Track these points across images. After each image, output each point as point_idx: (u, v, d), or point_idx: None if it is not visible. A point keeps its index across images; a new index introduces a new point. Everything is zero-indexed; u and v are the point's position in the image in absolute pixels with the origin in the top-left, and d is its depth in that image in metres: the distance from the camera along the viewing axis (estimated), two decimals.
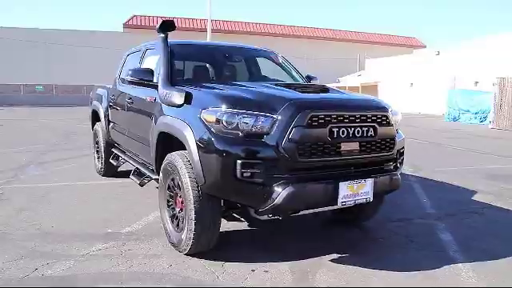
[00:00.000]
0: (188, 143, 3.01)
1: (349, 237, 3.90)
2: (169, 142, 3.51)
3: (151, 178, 4.08)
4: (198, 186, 3.02)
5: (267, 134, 2.83)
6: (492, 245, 3.68)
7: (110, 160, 5.62)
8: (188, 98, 3.24)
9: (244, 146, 2.83)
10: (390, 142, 3.26)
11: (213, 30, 24.39)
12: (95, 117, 6.23)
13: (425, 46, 41.92)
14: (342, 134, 2.96)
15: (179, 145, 3.27)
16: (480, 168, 7.34)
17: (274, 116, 2.84)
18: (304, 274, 3.04)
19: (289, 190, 2.77)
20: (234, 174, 2.79)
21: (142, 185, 4.34)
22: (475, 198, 5.33)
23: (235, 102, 2.95)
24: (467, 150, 9.89)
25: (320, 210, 3.16)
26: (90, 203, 4.77)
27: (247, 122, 2.84)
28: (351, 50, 37.27)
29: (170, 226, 3.47)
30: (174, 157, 3.27)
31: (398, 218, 4.41)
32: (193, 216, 3.03)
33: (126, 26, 33.10)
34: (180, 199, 3.31)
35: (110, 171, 6.01)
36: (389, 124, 3.25)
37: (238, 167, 2.78)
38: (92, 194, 5.21)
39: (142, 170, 4.30)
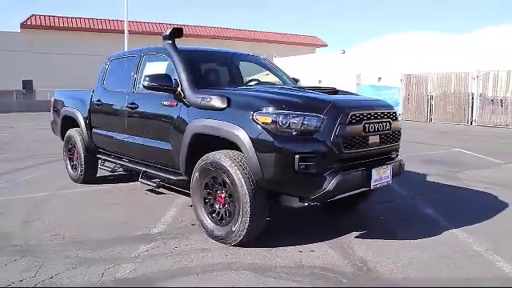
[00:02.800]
0: (243, 143, 3.31)
1: (355, 218, 4.51)
2: (201, 144, 3.75)
3: (172, 180, 4.21)
4: (251, 182, 3.34)
5: (316, 131, 3.27)
6: (466, 212, 4.58)
7: (100, 166, 5.51)
8: (230, 102, 3.53)
9: (299, 142, 3.24)
10: (398, 134, 3.93)
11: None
12: (69, 122, 6.00)
13: (326, 45, 45.08)
14: (371, 128, 3.54)
15: (221, 145, 3.55)
16: (416, 155, 8.57)
17: (321, 116, 3.28)
18: (344, 249, 3.55)
19: (338, 177, 3.25)
20: (293, 167, 3.19)
21: (158, 187, 4.44)
22: (430, 179, 6.34)
23: (287, 105, 3.33)
24: None
25: (352, 193, 3.68)
26: (92, 210, 4.71)
27: (299, 121, 3.24)
28: (257, 49, 38.26)
29: (209, 222, 3.70)
30: (219, 156, 3.52)
31: (381, 200, 5.12)
32: (248, 209, 3.34)
33: (23, 26, 30.20)
34: (223, 195, 3.59)
35: (90, 178, 5.86)
36: (397, 119, 3.91)
37: (296, 161, 3.18)
38: (85, 201, 5.10)
39: (156, 173, 4.40)
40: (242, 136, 3.33)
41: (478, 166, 7.57)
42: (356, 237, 3.87)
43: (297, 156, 3.19)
